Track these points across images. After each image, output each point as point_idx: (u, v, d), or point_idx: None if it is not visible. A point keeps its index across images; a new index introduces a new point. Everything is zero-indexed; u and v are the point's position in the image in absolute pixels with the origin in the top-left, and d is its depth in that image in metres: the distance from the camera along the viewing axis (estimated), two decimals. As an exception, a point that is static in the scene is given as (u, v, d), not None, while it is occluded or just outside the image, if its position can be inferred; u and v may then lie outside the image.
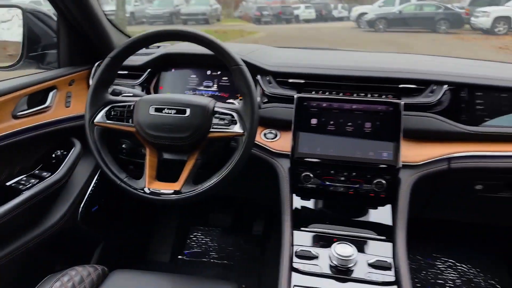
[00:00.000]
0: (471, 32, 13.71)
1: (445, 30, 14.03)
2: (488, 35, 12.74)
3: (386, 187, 1.21)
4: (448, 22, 14.24)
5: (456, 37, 12.85)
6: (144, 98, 1.18)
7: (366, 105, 1.24)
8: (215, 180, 1.10)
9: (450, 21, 14.31)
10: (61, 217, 1.33)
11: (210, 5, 18.40)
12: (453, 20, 14.41)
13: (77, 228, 1.42)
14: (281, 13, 19.84)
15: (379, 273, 1.04)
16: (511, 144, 1.26)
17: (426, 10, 14.75)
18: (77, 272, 1.09)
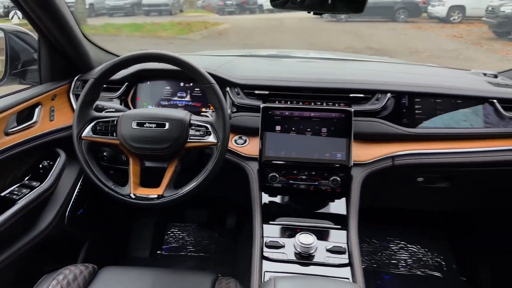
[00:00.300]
0: (428, 20, 14.17)
1: (404, 19, 14.42)
2: (444, 23, 13.22)
3: (340, 183, 1.40)
4: (406, 11, 14.61)
5: (414, 26, 13.27)
6: (126, 113, 1.31)
7: (322, 113, 1.42)
8: (194, 184, 1.27)
9: (409, 10, 14.70)
10: (50, 222, 1.45)
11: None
12: (412, 9, 14.80)
13: (65, 230, 1.54)
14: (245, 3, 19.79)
15: (336, 257, 1.24)
16: (445, 142, 1.49)
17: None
18: (70, 271, 1.22)
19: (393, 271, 2.03)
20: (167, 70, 1.55)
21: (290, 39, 11.07)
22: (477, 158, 1.47)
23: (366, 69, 1.79)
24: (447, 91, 1.49)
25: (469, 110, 1.50)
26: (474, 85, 1.57)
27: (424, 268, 2.05)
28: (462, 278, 2.00)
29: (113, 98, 1.61)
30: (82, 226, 1.66)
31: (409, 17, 14.43)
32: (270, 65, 1.83)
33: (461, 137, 1.49)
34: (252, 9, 19.77)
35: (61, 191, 1.52)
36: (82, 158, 1.29)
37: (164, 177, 1.30)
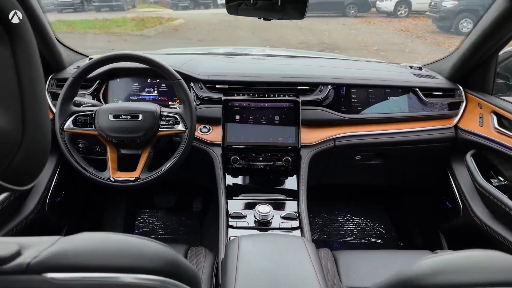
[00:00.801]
0: (377, 15, 14.67)
1: (354, 14, 14.86)
2: (391, 18, 13.76)
3: (291, 162, 1.65)
4: (356, 6, 15.02)
5: (364, 20, 13.74)
6: (103, 107, 1.49)
7: (275, 103, 1.66)
8: (168, 166, 1.47)
9: (358, 5, 15.12)
10: (33, 209, 1.59)
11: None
12: (361, 4, 15.23)
13: (46, 217, 1.69)
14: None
15: (289, 222, 1.47)
16: (377, 125, 1.78)
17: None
18: None
19: (341, 240, 2.32)
20: (135, 68, 1.72)
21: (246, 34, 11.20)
22: (403, 137, 1.77)
23: (311, 65, 2.06)
24: (377, 82, 1.78)
25: (397, 97, 1.80)
26: (400, 76, 1.86)
27: (367, 236, 2.36)
28: (400, 243, 2.33)
29: (86, 95, 1.76)
30: (61, 213, 1.80)
31: (359, 12, 14.86)
32: (228, 62, 2.05)
33: (390, 121, 1.78)
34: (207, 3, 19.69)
35: (41, 180, 1.66)
36: (65, 148, 1.46)
37: (140, 162, 1.49)
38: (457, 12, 10.64)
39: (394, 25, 12.53)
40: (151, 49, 2.35)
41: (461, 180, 1.75)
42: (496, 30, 1.48)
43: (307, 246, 1.14)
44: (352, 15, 14.77)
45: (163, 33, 11.68)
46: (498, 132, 1.59)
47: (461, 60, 1.73)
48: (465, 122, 1.79)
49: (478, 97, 1.73)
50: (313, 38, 10.48)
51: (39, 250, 0.50)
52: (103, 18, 13.19)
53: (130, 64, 1.70)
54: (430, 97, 1.80)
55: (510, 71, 1.78)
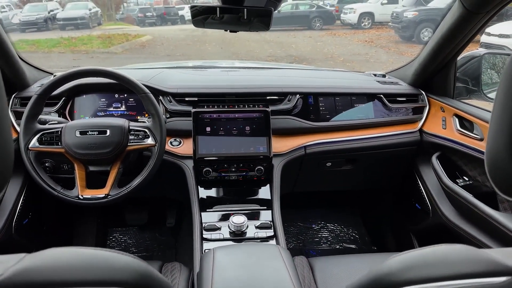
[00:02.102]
0: (341, 27, 15.12)
1: (319, 27, 15.26)
2: (356, 29, 14.21)
3: (264, 171, 1.65)
4: (321, 19, 15.44)
5: (329, 33, 14.11)
6: (69, 124, 1.46)
7: (245, 114, 1.67)
8: (138, 181, 1.45)
9: (323, 18, 15.55)
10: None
11: (88, 9, 17.38)
12: (326, 17, 15.68)
13: (12, 240, 1.62)
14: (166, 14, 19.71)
15: (263, 231, 1.47)
16: (346, 132, 1.82)
17: (301, 9, 15.67)
18: None
19: (316, 247, 2.34)
20: (101, 83, 1.68)
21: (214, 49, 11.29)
22: (371, 143, 1.81)
23: (279, 75, 2.09)
24: (344, 90, 1.82)
25: (363, 104, 1.84)
26: (365, 84, 1.92)
27: (342, 242, 2.38)
28: (374, 247, 2.36)
29: (51, 112, 1.72)
30: (29, 235, 1.74)
31: (324, 25, 15.28)
32: (197, 75, 2.05)
33: (358, 127, 1.82)
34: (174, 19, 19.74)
35: (7, 202, 1.60)
36: (30, 167, 1.41)
37: (109, 178, 1.46)
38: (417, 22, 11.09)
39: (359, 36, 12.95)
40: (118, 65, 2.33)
41: (428, 181, 1.80)
42: (453, 35, 1.55)
43: (282, 254, 1.14)
44: (318, 28, 15.16)
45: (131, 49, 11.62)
46: (461, 133, 1.65)
47: (422, 66, 1.80)
48: (429, 126, 1.85)
49: (440, 101, 1.80)
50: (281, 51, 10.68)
51: (4, 268, 0.48)
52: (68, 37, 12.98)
53: (96, 80, 1.67)
54: (394, 103, 1.86)
55: (469, 75, 1.86)
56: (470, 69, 1.87)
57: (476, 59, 1.85)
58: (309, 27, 15.19)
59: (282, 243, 1.43)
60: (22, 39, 12.52)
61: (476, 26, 1.48)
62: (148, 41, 13.18)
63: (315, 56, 10.05)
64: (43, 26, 16.10)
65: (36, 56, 9.45)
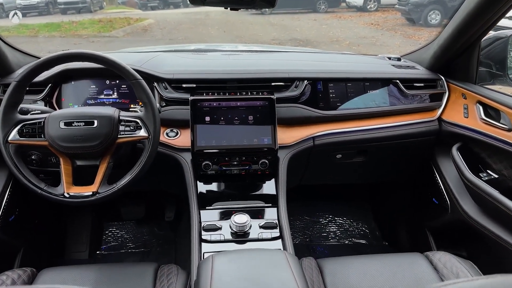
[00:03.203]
0: (347, 10, 14.80)
1: (324, 9, 14.94)
2: (361, 12, 13.90)
3: (269, 165, 1.52)
4: (326, 2, 15.07)
5: (334, 16, 13.83)
6: (53, 114, 1.31)
7: (248, 102, 1.52)
8: (129, 178, 1.31)
9: (328, 0, 15.30)
10: None
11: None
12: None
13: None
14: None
15: (268, 232, 1.35)
16: (358, 121, 1.67)
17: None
18: (8, 276, 1.20)
19: (324, 243, 2.21)
20: (90, 68, 1.55)
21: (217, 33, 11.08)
22: (385, 133, 1.66)
23: (286, 59, 1.93)
24: (356, 75, 1.66)
25: (377, 91, 1.69)
26: (380, 68, 1.76)
27: (351, 237, 2.25)
28: (384, 243, 2.23)
29: (37, 100, 1.58)
30: (15, 232, 1.62)
31: (329, 8, 14.96)
32: (195, 59, 1.90)
33: (371, 115, 1.67)
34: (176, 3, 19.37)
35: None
36: (10, 162, 1.27)
37: (97, 174, 1.33)
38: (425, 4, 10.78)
39: (364, 19, 12.68)
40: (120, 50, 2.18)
41: (447, 175, 1.67)
42: (482, 12, 1.37)
43: (289, 261, 1.01)
44: (323, 11, 14.85)
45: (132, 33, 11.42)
46: (485, 123, 1.50)
47: (442, 48, 1.63)
48: (449, 114, 1.71)
49: (462, 87, 1.65)
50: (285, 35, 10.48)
51: None
52: (69, 21, 12.78)
53: (85, 65, 1.53)
54: (411, 89, 1.70)
55: (492, 58, 1.70)
56: (494, 52, 1.71)
57: (501, 40, 1.69)
58: (314, 9, 14.87)
59: (289, 246, 1.30)
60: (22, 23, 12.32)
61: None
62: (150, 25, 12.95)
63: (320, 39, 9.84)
64: (44, 10, 15.80)
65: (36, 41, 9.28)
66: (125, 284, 1.22)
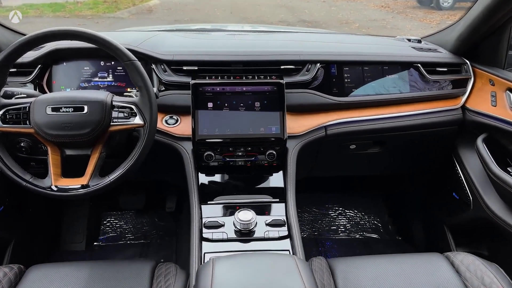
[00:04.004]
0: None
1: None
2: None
3: (276, 156, 1.39)
4: (336, -17, 14.89)
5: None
6: (39, 98, 1.19)
7: (254, 87, 1.39)
8: (122, 170, 1.19)
9: (338, -19, 14.99)
10: None
11: (95, -28, 16.82)
12: (340, -20, 15.10)
13: None
14: (174, -22, 19.05)
15: (275, 230, 1.24)
16: (375, 109, 1.53)
17: (314, -29, 15.24)
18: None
19: (333, 237, 2.09)
20: (83, 48, 1.41)
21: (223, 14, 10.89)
22: (404, 122, 1.52)
23: (296, 40, 1.78)
24: (374, 58, 1.52)
25: (395, 75, 1.54)
26: (399, 50, 1.61)
27: (362, 231, 2.13)
28: (398, 237, 2.11)
29: (26, 83, 1.45)
30: (5, 225, 1.52)
31: (338, -11, 14.69)
32: (198, 39, 1.75)
33: (390, 103, 1.53)
34: (182, -16, 19.05)
35: None
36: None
37: (88, 165, 1.21)
38: (437, -15, 10.48)
39: (374, 1, 12.43)
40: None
41: (470, 168, 1.54)
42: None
43: (299, 267, 0.90)
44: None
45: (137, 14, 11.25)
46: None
47: (469, 29, 1.48)
48: (474, 102, 1.56)
49: (489, 72, 1.50)
50: (294, 17, 10.31)
51: None
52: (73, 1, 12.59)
53: (77, 44, 1.39)
54: (433, 74, 1.56)
55: (524, 41, 1.55)
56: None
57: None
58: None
59: (298, 247, 1.18)
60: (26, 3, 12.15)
61: None
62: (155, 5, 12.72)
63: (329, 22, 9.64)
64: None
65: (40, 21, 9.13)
66: (119, 283, 1.12)
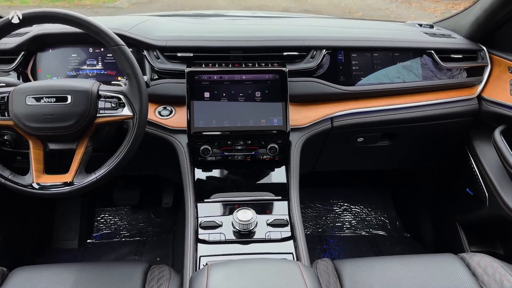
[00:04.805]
0: (360, -20, 14.40)
1: (336, -21, 14.50)
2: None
3: (279, 150, 1.30)
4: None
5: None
6: (18, 87, 1.09)
7: (255, 75, 1.29)
8: (109, 167, 1.09)
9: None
10: None
11: (94, -39, 16.61)
12: (343, -31, 14.90)
13: None
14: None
15: (277, 231, 1.15)
16: (385, 99, 1.43)
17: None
18: None
19: (338, 233, 2.00)
20: (69, 33, 1.31)
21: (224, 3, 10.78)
22: (417, 112, 1.43)
23: (300, 25, 1.66)
24: (384, 43, 1.41)
25: (407, 63, 1.44)
26: (411, 36, 1.50)
27: (369, 228, 2.04)
28: (406, 234, 2.02)
29: (9, 71, 1.35)
30: None
31: (341, -22, 14.50)
32: (194, 24, 1.64)
33: (401, 92, 1.43)
34: (183, -27, 18.84)
35: None
36: None
37: (73, 161, 1.11)
38: (443, -27, 10.32)
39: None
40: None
41: (486, 162, 1.45)
42: None
43: (304, 276, 0.80)
44: (335, -20, 14.31)
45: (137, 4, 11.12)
46: None
47: (487, 12, 1.37)
48: (491, 91, 1.47)
49: (509, 59, 1.41)
50: (296, 5, 10.22)
51: None
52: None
53: (62, 29, 1.29)
54: (447, 61, 1.45)
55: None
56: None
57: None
58: (325, -21, 14.34)
59: (303, 250, 1.09)
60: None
61: None
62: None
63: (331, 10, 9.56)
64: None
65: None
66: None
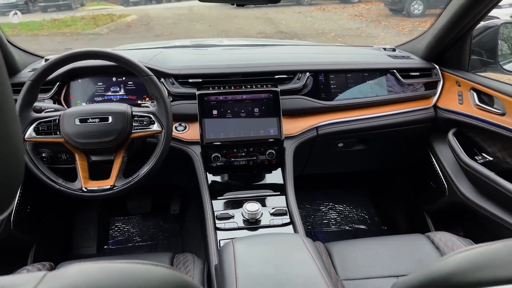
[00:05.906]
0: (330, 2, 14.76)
1: (308, 1, 14.81)
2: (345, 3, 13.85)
3: (275, 155, 1.57)
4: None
5: (318, 8, 13.79)
6: (68, 111, 1.35)
7: (253, 95, 1.57)
8: (145, 170, 1.35)
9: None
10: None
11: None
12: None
13: (12, 236, 1.53)
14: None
15: (279, 218, 1.41)
16: (359, 110, 1.73)
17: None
18: (28, 270, 1.23)
19: (325, 229, 2.29)
20: (98, 66, 1.57)
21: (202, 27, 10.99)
22: (384, 121, 1.73)
23: (287, 52, 1.98)
24: (355, 66, 1.73)
25: (375, 81, 1.75)
26: (377, 59, 1.82)
27: (351, 223, 2.33)
28: (383, 227, 2.32)
29: (45, 99, 1.60)
30: (28, 229, 1.65)
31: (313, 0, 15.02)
32: (198, 54, 1.94)
33: (371, 105, 1.74)
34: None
35: None
36: (28, 159, 1.31)
37: (113, 168, 1.37)
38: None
39: (348, 11, 12.70)
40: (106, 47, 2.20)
41: (444, 159, 1.74)
42: (475, 3, 1.45)
43: (306, 244, 1.07)
44: (307, 3, 14.74)
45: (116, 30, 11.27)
46: (480, 108, 1.58)
47: (436, 38, 1.70)
48: (444, 101, 1.78)
49: (456, 75, 1.72)
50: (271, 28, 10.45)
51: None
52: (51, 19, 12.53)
53: (92, 62, 1.56)
54: (407, 78, 1.77)
55: (482, 46, 1.78)
56: (485, 41, 1.79)
57: (491, 29, 1.77)
58: (297, 2, 14.77)
59: (300, 229, 1.37)
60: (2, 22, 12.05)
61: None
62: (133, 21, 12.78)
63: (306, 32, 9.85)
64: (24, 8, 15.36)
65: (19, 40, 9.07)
66: None
